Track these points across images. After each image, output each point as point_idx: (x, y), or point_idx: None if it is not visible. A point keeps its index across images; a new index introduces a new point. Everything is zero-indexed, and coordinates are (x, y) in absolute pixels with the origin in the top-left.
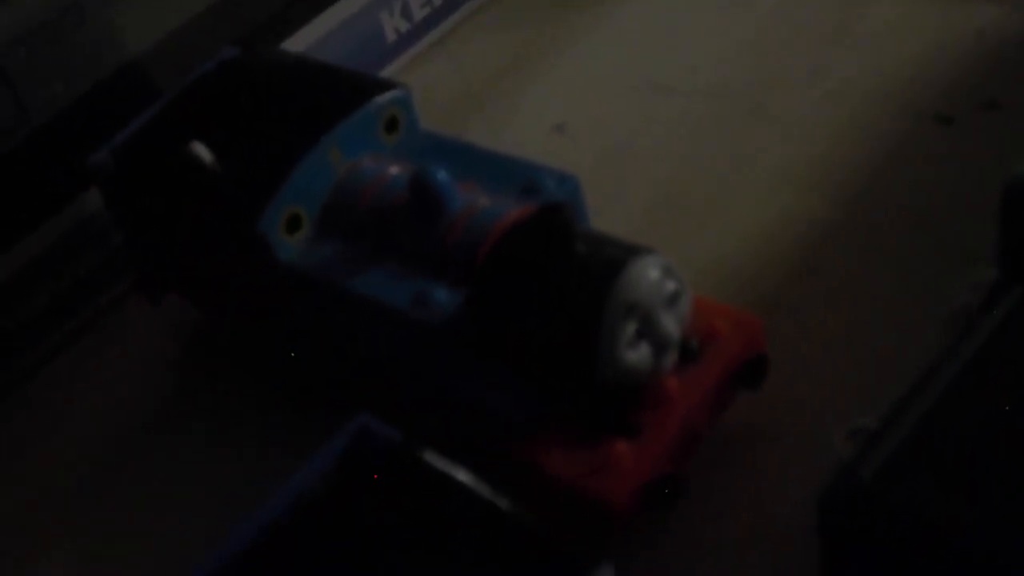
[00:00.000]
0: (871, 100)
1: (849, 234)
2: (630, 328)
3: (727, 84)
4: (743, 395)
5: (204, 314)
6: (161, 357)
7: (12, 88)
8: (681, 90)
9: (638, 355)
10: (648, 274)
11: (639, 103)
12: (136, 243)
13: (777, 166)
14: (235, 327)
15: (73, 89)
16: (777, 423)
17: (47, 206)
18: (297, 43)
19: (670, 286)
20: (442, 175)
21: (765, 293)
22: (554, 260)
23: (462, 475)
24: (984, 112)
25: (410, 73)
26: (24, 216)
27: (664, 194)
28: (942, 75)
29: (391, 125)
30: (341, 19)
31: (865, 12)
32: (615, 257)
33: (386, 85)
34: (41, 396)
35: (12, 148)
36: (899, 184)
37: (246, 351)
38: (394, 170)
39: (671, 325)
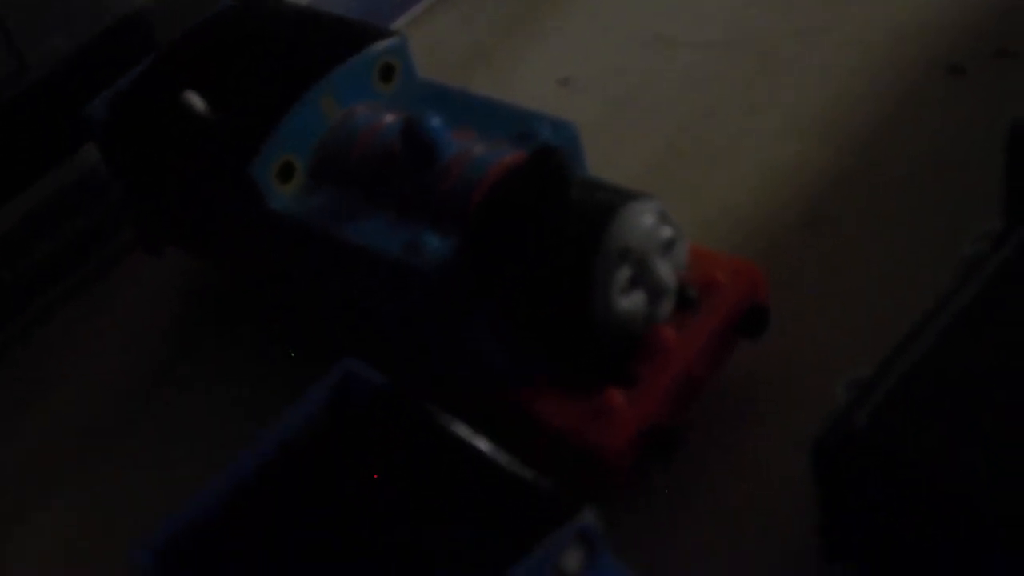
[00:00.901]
0: (882, 49)
1: (858, 184)
2: (623, 274)
3: (736, 36)
4: (745, 345)
5: (203, 265)
6: (162, 310)
7: (10, 39)
8: (689, 42)
9: (632, 302)
10: (642, 220)
11: (647, 56)
12: (134, 194)
13: (786, 117)
14: (234, 278)
15: (73, 40)
16: (779, 374)
17: (47, 158)
18: None
19: (665, 232)
20: (435, 122)
21: (771, 242)
22: (547, 204)
23: (446, 420)
24: (997, 60)
25: (418, 27)
26: (24, 168)
27: (671, 147)
28: (955, 23)
29: (386, 73)
30: None
31: None
32: (608, 202)
33: (382, 33)
34: (42, 349)
35: (10, 99)
36: (910, 133)
37: (246, 303)
38: (389, 118)
39: (666, 272)
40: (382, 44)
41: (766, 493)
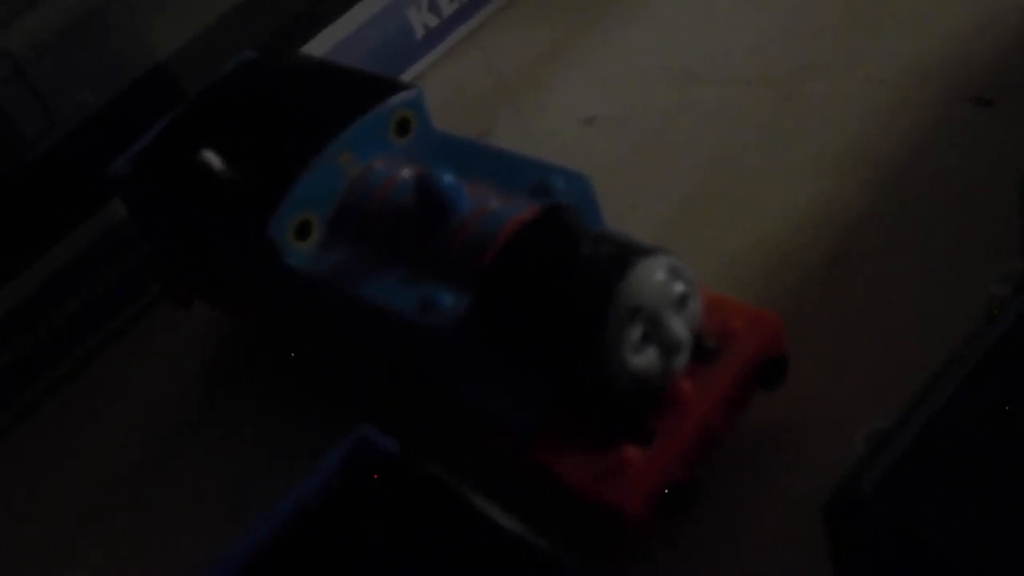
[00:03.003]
0: (908, 83)
1: (883, 222)
2: (635, 333)
3: (762, 72)
4: (764, 395)
5: (229, 319)
6: (190, 361)
7: (38, 98)
8: (715, 79)
9: (645, 359)
10: (653, 276)
11: (672, 93)
12: (159, 250)
13: (812, 154)
14: (259, 332)
15: (100, 96)
16: (799, 423)
17: (76, 214)
18: (323, 42)
19: (678, 288)
20: (448, 178)
21: (793, 284)
22: (557, 263)
23: (458, 486)
24: None
25: (441, 69)
26: (53, 225)
27: (696, 186)
28: (982, 55)
29: (403, 127)
30: (367, 17)
31: None
32: (619, 259)
33: (398, 86)
34: (74, 401)
35: (39, 157)
36: (937, 168)
37: (272, 356)
38: (405, 173)
39: (680, 328)
40: (398, 98)
41: (785, 546)
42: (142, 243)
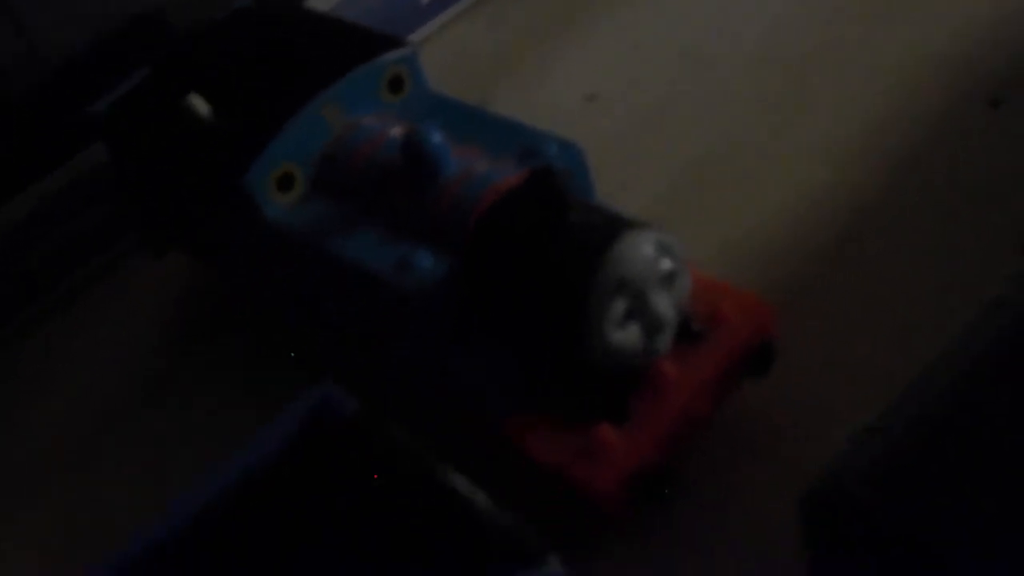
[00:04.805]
0: (918, 76)
1: (886, 215)
2: (619, 306)
3: (770, 55)
4: (752, 383)
5: (203, 269)
6: (157, 317)
7: (18, 24)
8: (721, 60)
9: (626, 335)
10: (640, 250)
11: (676, 73)
12: (137, 196)
13: (815, 142)
14: (232, 284)
15: (86, 33)
16: (786, 415)
17: (57, 153)
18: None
19: (665, 264)
20: (436, 137)
21: (791, 272)
22: (543, 228)
23: (422, 452)
24: None
25: (444, 35)
26: (32, 163)
27: (696, 167)
28: (995, 53)
29: (396, 84)
30: None
31: None
32: (607, 230)
33: (393, 43)
34: (39, 351)
35: (20, 90)
36: (943, 165)
37: (242, 309)
38: (394, 130)
39: (664, 306)
40: (392, 54)
41: (763, 538)
42: (120, 189)
